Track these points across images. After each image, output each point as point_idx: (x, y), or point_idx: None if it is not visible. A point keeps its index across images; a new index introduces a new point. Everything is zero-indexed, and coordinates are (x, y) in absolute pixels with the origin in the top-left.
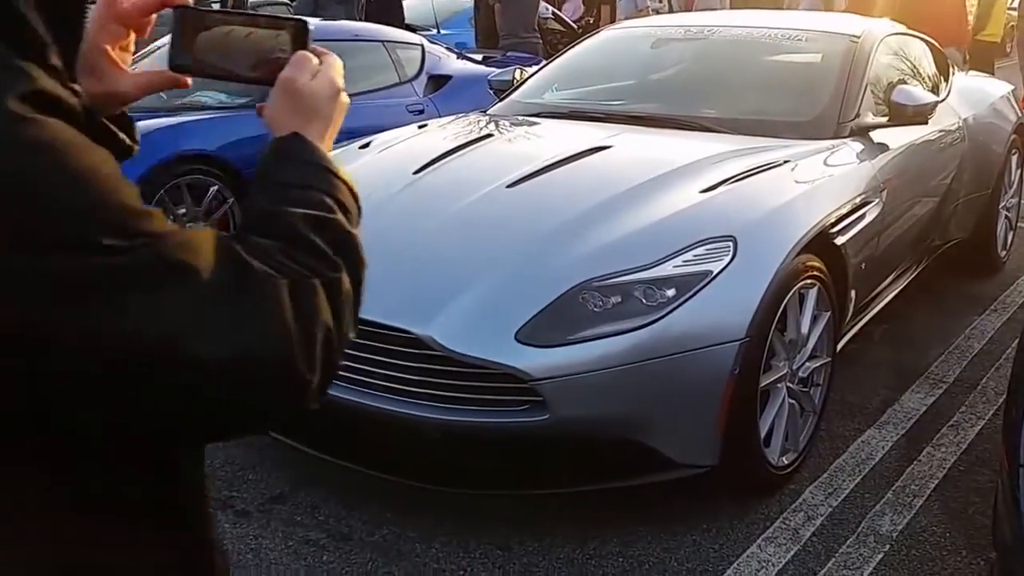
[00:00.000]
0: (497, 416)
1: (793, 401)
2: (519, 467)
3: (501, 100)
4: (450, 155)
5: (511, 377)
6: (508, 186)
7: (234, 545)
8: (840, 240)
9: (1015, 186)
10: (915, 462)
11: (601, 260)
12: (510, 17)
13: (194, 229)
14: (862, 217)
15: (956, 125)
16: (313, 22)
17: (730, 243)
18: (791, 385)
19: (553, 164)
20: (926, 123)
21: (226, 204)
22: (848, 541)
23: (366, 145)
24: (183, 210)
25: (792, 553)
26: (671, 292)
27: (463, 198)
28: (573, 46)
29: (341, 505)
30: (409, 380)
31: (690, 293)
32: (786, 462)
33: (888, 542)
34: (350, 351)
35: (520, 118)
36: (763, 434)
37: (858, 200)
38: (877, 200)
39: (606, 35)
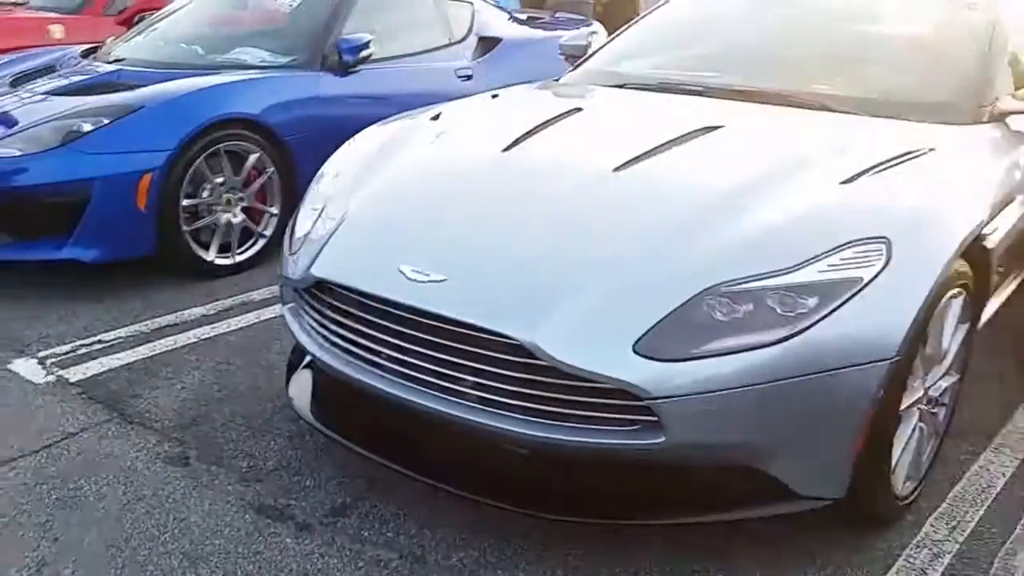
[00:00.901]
0: (602, 436)
1: (923, 424)
2: (622, 494)
3: (575, 68)
4: (538, 130)
5: (625, 394)
6: (614, 170)
7: (298, 564)
8: (990, 243)
9: None
10: None
11: (731, 261)
12: None
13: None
14: (1008, 217)
15: None
16: None
17: (883, 245)
18: (922, 406)
19: (661, 145)
20: None
21: (265, 173)
22: None
23: (436, 117)
24: (221, 179)
25: None
26: (812, 301)
27: (564, 182)
28: (653, 10)
29: (412, 521)
30: (501, 390)
31: (836, 303)
32: (907, 491)
33: None
34: (432, 353)
35: (606, 90)
36: (893, 462)
37: (1006, 198)
38: (1021, 197)
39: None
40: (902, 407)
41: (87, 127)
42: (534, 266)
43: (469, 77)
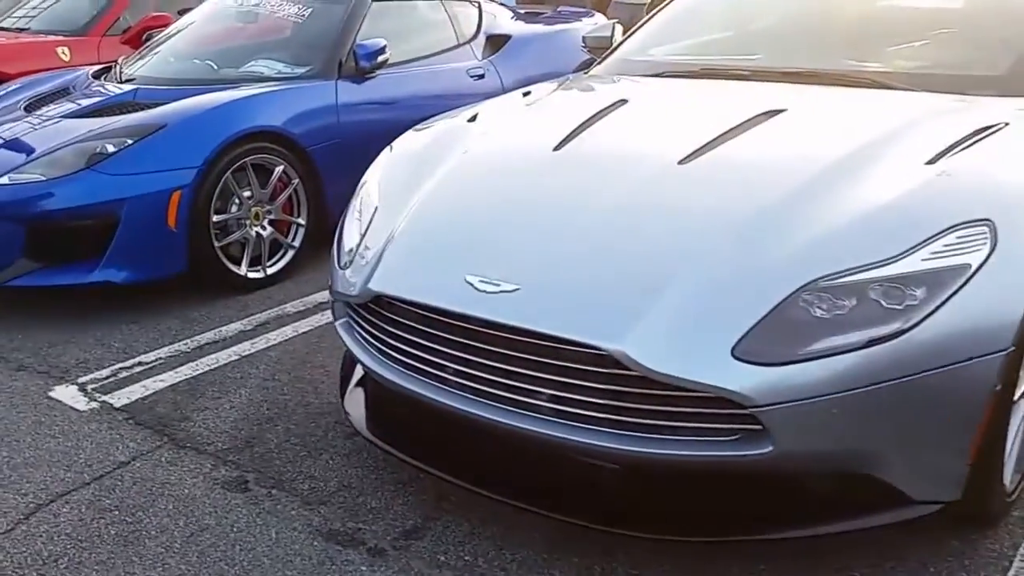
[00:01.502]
0: (699, 448)
1: None
2: (722, 509)
3: (603, 59)
4: (587, 126)
5: (723, 402)
6: (680, 162)
7: None
8: None
9: None
10: None
11: (826, 254)
12: None
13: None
14: None
15: None
16: None
17: (987, 228)
18: None
19: (725, 134)
20: None
21: (291, 185)
22: None
23: (474, 118)
24: (248, 193)
25: None
26: (920, 292)
27: (627, 178)
28: None
29: (488, 541)
30: (583, 403)
31: (947, 293)
32: (1014, 485)
33: None
34: (504, 366)
35: (647, 79)
36: (1005, 457)
37: None
38: None
39: None
40: (1015, 398)
41: (112, 148)
42: (611, 270)
43: (482, 76)
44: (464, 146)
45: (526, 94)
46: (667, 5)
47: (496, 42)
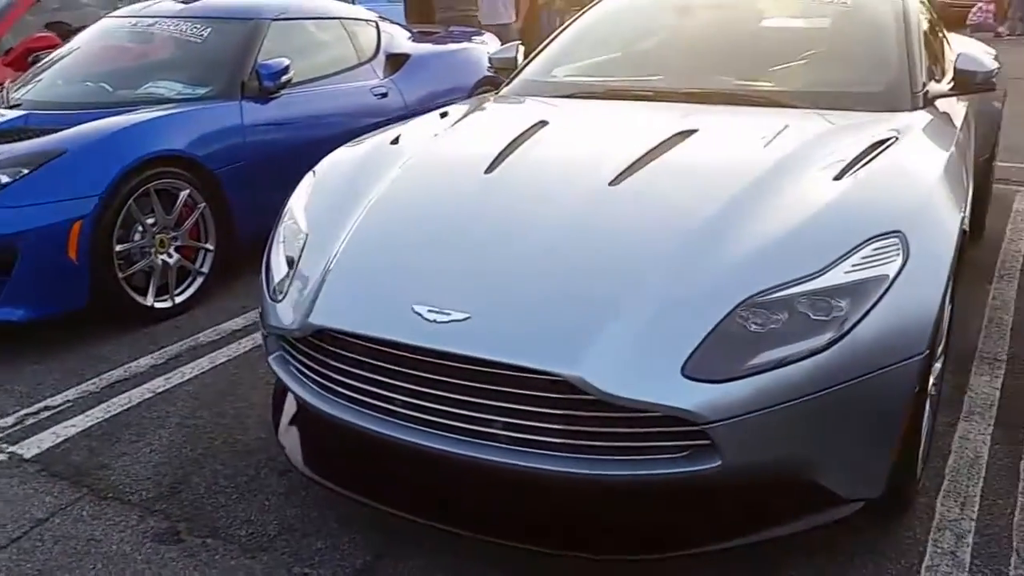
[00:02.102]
0: (652, 467)
1: (930, 408)
2: (672, 524)
3: (511, 80)
4: (513, 148)
5: (676, 420)
6: (610, 184)
7: None
8: (964, 225)
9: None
10: None
11: (757, 271)
12: None
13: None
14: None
15: None
16: (279, 1)
17: (898, 239)
18: (932, 392)
19: (646, 155)
20: (995, 89)
21: (197, 210)
22: (1012, 561)
23: (396, 140)
24: (152, 220)
25: None
26: (845, 304)
27: (562, 201)
28: (579, 16)
29: (443, 573)
30: (538, 429)
31: (869, 304)
32: (920, 473)
33: None
34: (456, 396)
35: (561, 100)
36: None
37: (963, 178)
38: (970, 177)
39: (618, 3)
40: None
41: (5, 179)
42: (559, 295)
43: (385, 95)
44: (392, 171)
45: (443, 115)
46: (568, 26)
47: (396, 61)
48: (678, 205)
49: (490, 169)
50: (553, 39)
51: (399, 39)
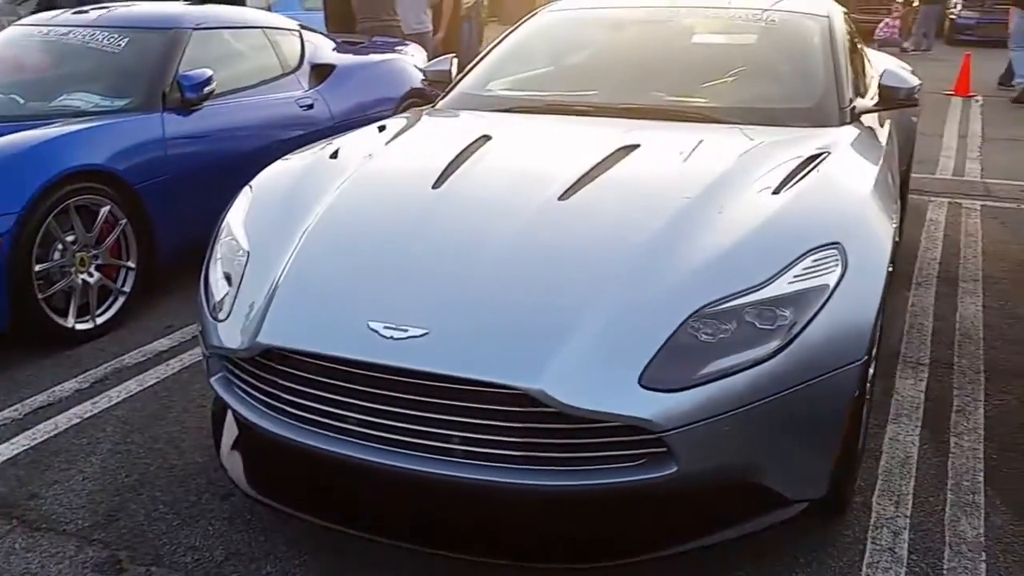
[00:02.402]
0: (609, 476)
1: (866, 410)
2: (627, 531)
3: (447, 93)
4: (459, 163)
5: (634, 430)
6: (559, 199)
7: None
8: (896, 236)
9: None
10: (951, 455)
11: (708, 282)
12: (369, 0)
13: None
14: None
15: None
16: (198, 9)
17: (836, 250)
18: (867, 395)
19: (592, 170)
20: (917, 104)
21: (119, 227)
22: (946, 555)
23: (335, 155)
24: (72, 238)
25: None
26: (790, 313)
27: (514, 216)
28: (514, 30)
29: None
30: (496, 442)
31: (812, 312)
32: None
33: (981, 549)
34: (412, 412)
35: (502, 115)
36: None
37: (893, 190)
38: (897, 189)
39: (552, 18)
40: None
41: None
42: (517, 309)
43: (311, 106)
44: (336, 186)
45: (381, 129)
46: (504, 40)
47: (321, 72)
48: (628, 219)
49: (438, 184)
50: (488, 53)
51: (323, 49)
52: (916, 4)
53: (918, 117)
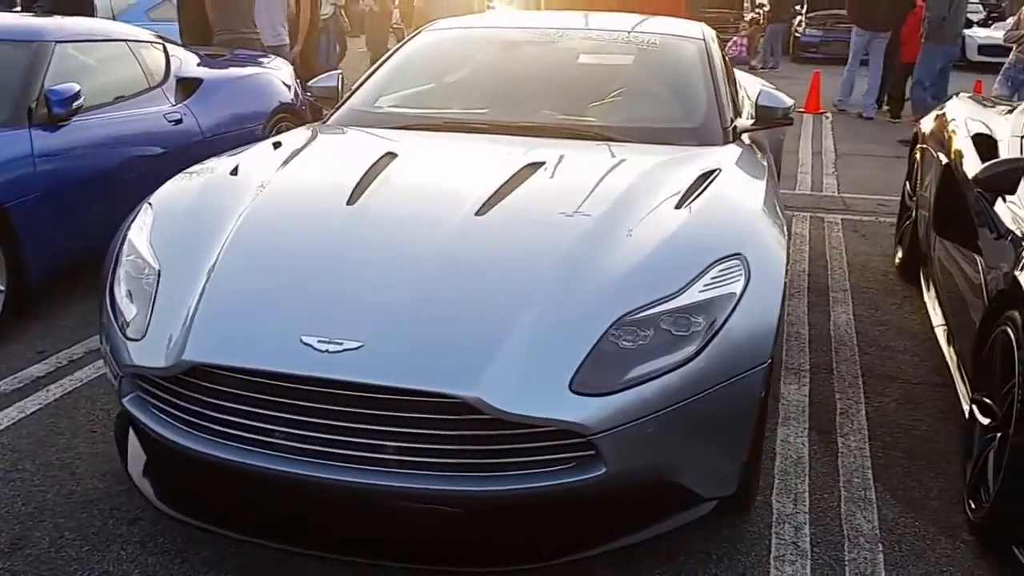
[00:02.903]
0: (541, 479)
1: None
2: (558, 534)
3: (337, 109)
4: (369, 179)
5: (566, 433)
6: (476, 214)
7: None
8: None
9: None
10: (840, 455)
11: (627, 292)
12: (226, 11)
13: None
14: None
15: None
16: (60, 21)
17: (739, 261)
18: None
19: (504, 185)
20: (792, 123)
21: None
22: (846, 547)
23: (235, 171)
24: None
25: (809, 568)
26: (702, 320)
27: (434, 230)
28: (401, 47)
29: None
30: (432, 451)
31: (722, 319)
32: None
33: (878, 541)
34: (349, 424)
35: (403, 132)
36: None
37: (778, 203)
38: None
39: (439, 35)
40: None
41: None
42: (449, 321)
43: (179, 121)
44: (243, 202)
45: (277, 145)
46: (392, 57)
47: (188, 86)
48: (545, 233)
49: (352, 200)
50: (376, 69)
51: (189, 63)
52: (762, 23)
53: (784, 134)
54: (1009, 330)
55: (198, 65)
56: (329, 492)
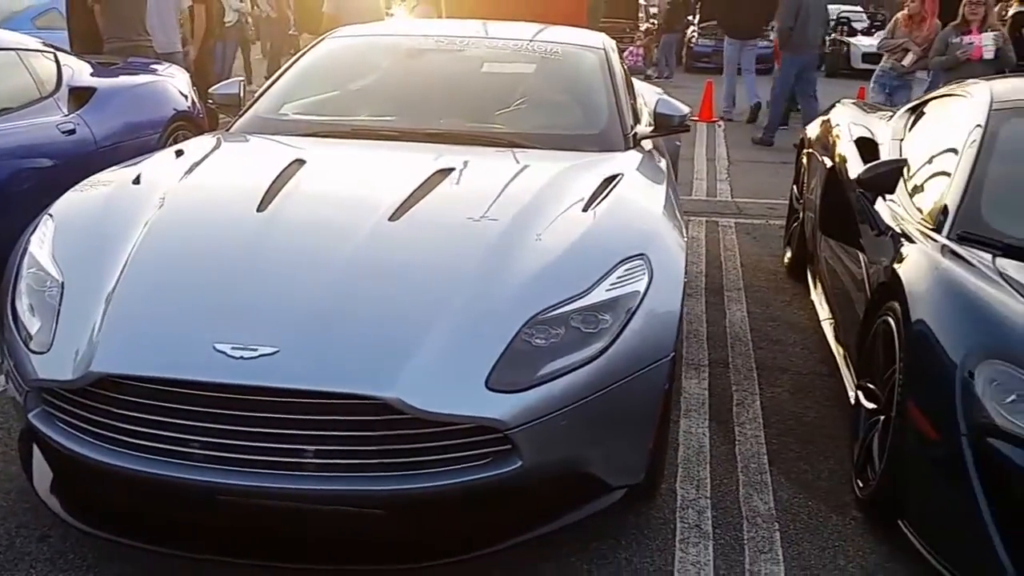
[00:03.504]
0: (462, 475)
1: None
2: (485, 525)
3: (240, 116)
4: (279, 186)
5: (483, 429)
6: (390, 219)
7: None
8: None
9: None
10: (737, 443)
11: (536, 294)
12: (117, 18)
13: None
14: None
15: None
16: None
17: (643, 260)
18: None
19: (416, 191)
20: (688, 130)
21: None
22: (745, 527)
23: (138, 180)
24: None
25: (712, 549)
26: (609, 317)
27: (347, 237)
28: (303, 55)
29: None
30: (352, 452)
31: (627, 316)
32: None
33: (774, 520)
34: (267, 430)
35: (310, 139)
36: None
37: (677, 207)
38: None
39: (342, 43)
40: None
41: None
42: (364, 322)
43: (73, 131)
44: (149, 211)
45: (179, 153)
46: (295, 64)
47: (81, 96)
48: (458, 237)
49: (262, 207)
50: (279, 77)
51: (82, 72)
52: (656, 33)
53: (681, 141)
54: (890, 320)
55: (91, 74)
56: (249, 499)
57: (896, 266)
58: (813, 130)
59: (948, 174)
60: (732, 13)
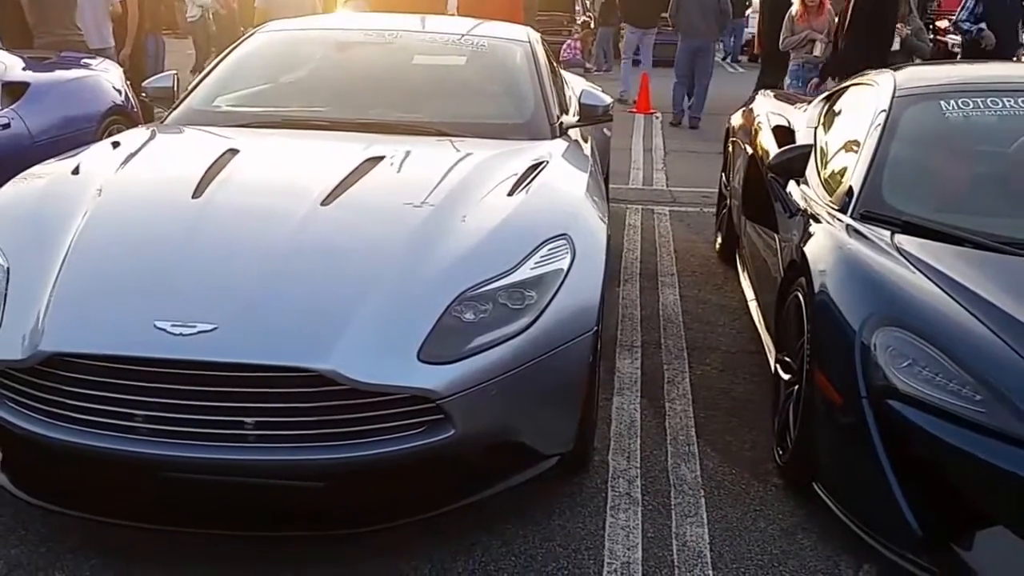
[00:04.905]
0: (397, 444)
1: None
2: (421, 492)
3: (174, 109)
4: (213, 174)
5: (416, 399)
6: (322, 204)
7: None
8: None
9: None
10: (667, 417)
11: (464, 272)
12: (46, 12)
13: None
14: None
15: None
16: None
17: (566, 240)
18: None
19: (347, 178)
20: (611, 119)
21: None
22: (672, 495)
23: (76, 170)
24: None
25: (640, 514)
26: (535, 293)
27: (282, 220)
28: (235, 48)
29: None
30: (290, 423)
31: (552, 292)
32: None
33: (700, 487)
34: (207, 403)
35: (241, 129)
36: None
37: (601, 191)
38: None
39: (273, 36)
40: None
41: None
42: (300, 299)
43: (7, 125)
44: (88, 199)
45: (116, 145)
46: (224, 58)
47: (15, 90)
48: (389, 220)
49: (197, 194)
50: (211, 70)
51: (14, 67)
52: (593, 26)
53: (611, 131)
54: (799, 294)
55: (23, 69)
56: (191, 470)
57: (804, 245)
58: (737, 119)
59: (854, 156)
60: (631, 3)
